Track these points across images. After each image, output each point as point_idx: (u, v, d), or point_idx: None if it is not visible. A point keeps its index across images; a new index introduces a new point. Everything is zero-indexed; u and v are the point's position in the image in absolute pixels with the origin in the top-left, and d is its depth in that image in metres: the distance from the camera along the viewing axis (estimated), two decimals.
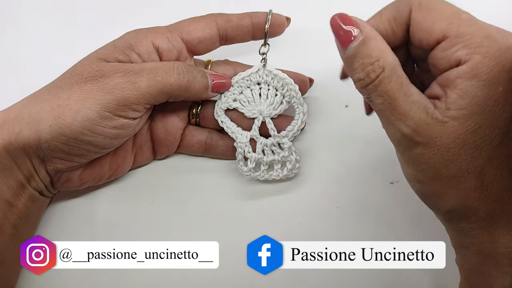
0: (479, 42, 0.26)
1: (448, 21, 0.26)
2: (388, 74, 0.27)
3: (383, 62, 0.27)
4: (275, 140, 0.39)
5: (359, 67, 0.28)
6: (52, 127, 0.32)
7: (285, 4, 0.43)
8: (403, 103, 0.27)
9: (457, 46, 0.26)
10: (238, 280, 0.38)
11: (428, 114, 0.26)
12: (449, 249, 0.34)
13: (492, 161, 0.26)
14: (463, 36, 0.26)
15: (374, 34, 0.28)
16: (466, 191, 0.27)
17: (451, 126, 0.26)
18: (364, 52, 0.27)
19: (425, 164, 0.27)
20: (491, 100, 0.25)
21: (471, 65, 0.25)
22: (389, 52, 0.28)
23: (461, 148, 0.26)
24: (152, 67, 0.35)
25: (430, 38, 0.27)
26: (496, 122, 0.26)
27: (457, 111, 0.26)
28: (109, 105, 0.33)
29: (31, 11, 0.50)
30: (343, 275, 0.37)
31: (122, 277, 0.38)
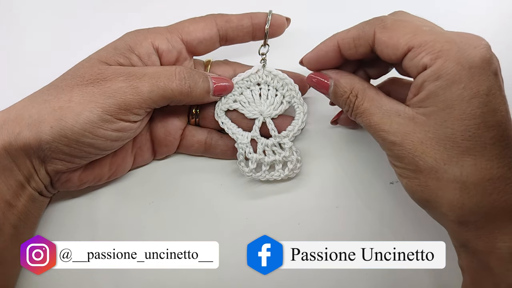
0: (440, 47, 0.29)
1: (411, 34, 0.30)
2: (361, 98, 0.33)
3: (354, 91, 0.34)
4: (276, 141, 0.39)
5: (342, 103, 0.35)
6: (53, 129, 0.32)
7: (285, 4, 0.43)
8: (377, 114, 0.32)
9: (422, 54, 0.30)
10: (238, 280, 0.38)
11: (400, 115, 0.31)
12: (449, 249, 0.34)
13: (469, 151, 0.29)
14: (426, 44, 0.30)
15: (340, 74, 0.35)
16: (445, 182, 0.29)
17: (421, 121, 0.30)
18: (339, 91, 0.35)
19: (405, 158, 0.31)
20: (454, 96, 0.29)
21: (434, 68, 0.29)
22: (356, 81, 0.34)
23: (432, 140, 0.30)
24: (154, 72, 0.35)
25: (397, 53, 0.31)
26: (464, 115, 0.29)
27: (425, 109, 0.30)
28: (110, 108, 0.33)
29: (31, 11, 0.50)
30: (343, 275, 0.37)
31: (122, 277, 0.38)
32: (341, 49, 0.34)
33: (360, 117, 0.33)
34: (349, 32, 0.34)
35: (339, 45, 0.34)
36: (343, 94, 0.34)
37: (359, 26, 0.33)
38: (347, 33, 0.34)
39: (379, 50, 0.32)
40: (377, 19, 0.33)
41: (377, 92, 0.33)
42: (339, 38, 0.34)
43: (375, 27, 0.32)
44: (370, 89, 0.34)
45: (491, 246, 0.29)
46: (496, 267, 0.29)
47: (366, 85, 0.34)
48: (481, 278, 0.31)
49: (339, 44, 0.34)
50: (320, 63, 0.36)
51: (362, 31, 0.33)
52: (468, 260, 0.31)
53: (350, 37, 0.33)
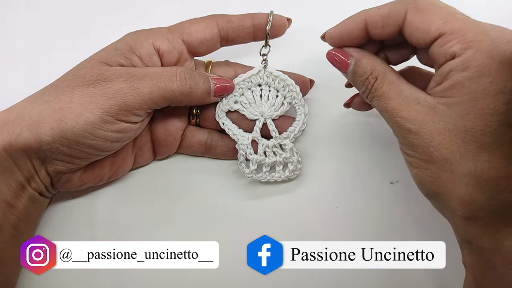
0: (472, 37, 0.28)
1: (444, 20, 0.29)
2: (380, 81, 0.32)
3: (374, 72, 0.32)
4: (276, 142, 0.39)
5: (359, 83, 0.33)
6: (53, 130, 0.32)
7: (286, 5, 0.43)
8: (396, 99, 0.31)
9: (452, 42, 0.28)
10: (238, 280, 0.38)
11: (419, 103, 0.30)
12: (449, 249, 0.34)
13: (486, 147, 0.28)
14: (458, 32, 0.28)
15: (362, 54, 0.34)
16: (459, 176, 0.28)
17: (441, 111, 0.29)
18: (359, 71, 0.33)
19: (420, 147, 0.30)
20: (481, 89, 0.28)
21: (463, 58, 0.28)
22: (378, 63, 0.33)
23: (451, 132, 0.29)
24: (154, 72, 0.35)
25: (427, 37, 0.30)
26: (487, 110, 0.28)
27: (448, 99, 0.29)
28: (111, 109, 0.33)
29: (31, 11, 0.50)
30: (343, 275, 0.37)
31: (122, 277, 0.38)
32: (368, 27, 0.33)
33: (377, 101, 0.32)
34: (380, 9, 0.32)
35: (366, 23, 0.33)
36: (362, 74, 0.33)
37: (390, 5, 0.32)
38: (377, 11, 0.32)
39: (408, 32, 0.31)
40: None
41: (398, 77, 0.32)
42: (367, 15, 0.33)
43: (407, 7, 0.31)
44: (391, 73, 0.32)
45: (496, 245, 0.29)
46: (501, 266, 0.29)
47: (388, 69, 0.33)
48: (484, 276, 0.30)
49: (366, 22, 0.33)
50: (343, 40, 0.34)
51: (394, 9, 0.31)
52: (471, 257, 0.31)
53: (380, 15, 0.32)
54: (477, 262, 0.31)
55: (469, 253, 0.31)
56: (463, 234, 0.31)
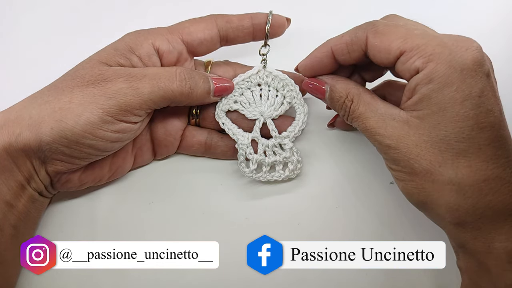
0: (431, 51, 0.29)
1: (403, 38, 0.31)
2: (356, 102, 0.34)
3: (350, 95, 0.34)
4: (276, 141, 0.39)
5: (338, 107, 0.35)
6: (53, 130, 0.32)
7: (286, 5, 0.43)
8: (373, 118, 0.33)
9: (414, 58, 0.30)
10: (238, 280, 0.38)
11: (394, 119, 0.31)
12: (449, 249, 0.34)
13: (463, 153, 0.29)
14: (418, 48, 0.30)
15: (335, 79, 0.36)
16: (441, 184, 0.30)
17: (415, 124, 0.30)
18: (335, 96, 0.35)
19: (401, 162, 0.31)
20: (447, 98, 0.29)
21: (426, 72, 0.29)
22: (352, 85, 0.35)
23: (427, 143, 0.30)
24: (154, 73, 0.35)
25: (389, 57, 0.31)
26: (457, 117, 0.29)
27: (418, 112, 0.30)
28: (111, 109, 0.33)
29: (30, 11, 0.50)
30: (343, 275, 0.37)
31: (122, 277, 0.38)
32: (335, 54, 0.35)
33: (356, 121, 0.34)
34: (342, 37, 0.34)
35: (332, 51, 0.35)
36: (339, 99, 0.35)
37: (352, 32, 0.34)
38: (340, 39, 0.34)
39: (372, 54, 0.33)
40: (369, 23, 0.33)
41: (373, 96, 0.34)
42: (332, 44, 0.35)
43: (367, 31, 0.32)
44: (365, 94, 0.34)
45: (488, 247, 0.30)
46: (493, 267, 0.30)
47: (361, 90, 0.34)
48: (479, 278, 0.31)
49: (332, 50, 0.35)
50: (315, 69, 0.36)
51: (355, 36, 0.33)
52: (466, 260, 0.32)
53: (343, 43, 0.34)
54: (472, 265, 0.31)
55: (464, 257, 0.32)
56: (456, 239, 0.31)
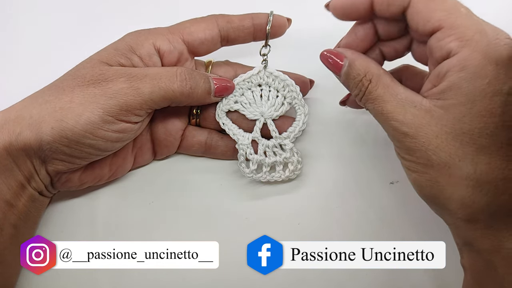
0: (470, 36, 0.28)
1: (447, 12, 0.29)
2: (375, 83, 0.31)
3: (369, 75, 0.32)
4: (276, 142, 0.39)
5: (353, 86, 0.33)
6: (54, 130, 0.32)
7: (286, 5, 0.43)
8: (391, 102, 0.30)
9: (450, 38, 0.28)
10: (238, 280, 0.38)
11: (416, 107, 0.29)
12: (449, 249, 0.34)
13: (484, 149, 0.28)
14: (457, 28, 0.28)
15: (356, 55, 0.33)
16: (458, 179, 0.28)
17: (438, 114, 0.29)
18: (353, 73, 0.32)
19: (417, 152, 0.29)
20: (478, 91, 0.27)
21: (460, 58, 0.28)
22: (373, 65, 0.32)
23: (448, 135, 0.28)
24: (155, 73, 0.35)
25: (426, 25, 0.29)
26: (484, 112, 0.27)
27: (444, 101, 0.29)
28: (111, 109, 0.33)
29: (30, 11, 0.50)
30: (343, 275, 0.37)
31: (122, 277, 0.38)
32: (374, 1, 0.32)
33: (372, 104, 0.32)
34: None
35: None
36: (356, 76, 0.32)
37: None
38: None
39: (410, 15, 0.30)
40: None
41: (393, 80, 0.32)
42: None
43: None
44: (385, 76, 0.32)
45: (497, 246, 0.29)
46: (501, 267, 0.29)
47: (382, 71, 0.32)
48: (484, 278, 0.30)
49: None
50: (347, 12, 0.33)
51: None
52: (471, 259, 0.31)
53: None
54: (477, 264, 0.31)
55: (469, 255, 0.31)
56: (464, 237, 0.31)
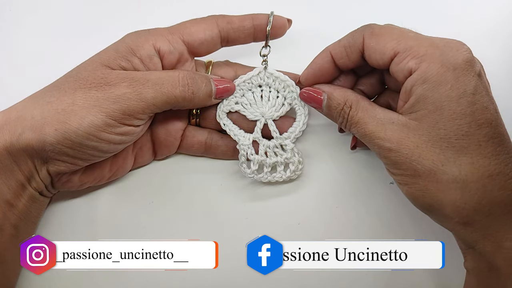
0: (424, 51, 0.31)
1: (397, 40, 0.32)
2: (355, 109, 0.34)
3: (348, 102, 0.34)
4: (277, 142, 0.39)
5: (336, 115, 0.36)
6: (57, 131, 0.32)
7: (287, 6, 0.43)
8: (372, 123, 0.33)
9: (407, 59, 0.31)
10: (238, 280, 0.38)
11: (393, 123, 0.32)
12: (449, 249, 0.34)
13: (464, 150, 0.29)
14: (411, 49, 0.31)
15: (333, 88, 0.36)
16: (445, 183, 0.30)
17: (414, 126, 0.31)
18: (333, 103, 0.35)
19: (403, 164, 0.31)
20: (443, 97, 0.30)
21: (420, 72, 0.30)
22: (349, 93, 0.35)
23: (427, 143, 0.30)
24: (157, 77, 0.35)
25: (384, 57, 0.32)
26: (454, 114, 0.29)
27: (416, 113, 0.31)
28: (114, 113, 0.33)
29: (31, 11, 0.50)
30: (343, 275, 0.37)
31: (122, 278, 0.38)
32: (334, 59, 0.36)
33: (355, 127, 0.34)
34: (341, 41, 0.35)
35: (332, 55, 0.36)
36: (337, 106, 0.35)
37: (349, 35, 0.35)
38: (339, 43, 0.35)
39: (368, 55, 0.34)
40: (366, 26, 0.34)
41: (370, 103, 0.34)
42: (331, 48, 0.36)
43: (364, 33, 0.34)
44: (363, 100, 0.34)
45: (497, 246, 0.30)
46: (503, 267, 0.30)
47: (359, 97, 0.35)
48: (488, 280, 0.31)
49: (332, 55, 0.36)
50: (317, 77, 0.37)
51: (352, 38, 0.34)
52: (475, 261, 0.31)
53: (342, 46, 0.35)
54: (481, 266, 0.31)
55: (472, 258, 0.32)
56: (465, 240, 0.31)
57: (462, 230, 0.30)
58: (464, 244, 0.32)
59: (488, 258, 0.30)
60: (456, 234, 0.32)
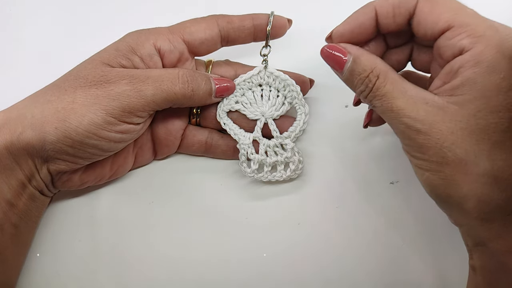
0: (482, 32, 0.27)
1: (454, 12, 0.28)
2: (383, 79, 0.30)
3: (376, 71, 0.30)
4: (277, 141, 0.39)
5: (358, 82, 0.31)
6: (58, 130, 0.32)
7: (287, 5, 0.43)
8: (401, 99, 0.29)
9: (461, 35, 0.28)
10: (238, 280, 0.38)
11: (427, 103, 0.28)
12: (449, 249, 0.34)
13: (499, 145, 0.27)
14: (467, 26, 0.28)
15: (361, 51, 0.32)
16: (475, 176, 0.27)
17: (452, 110, 0.28)
18: (358, 69, 0.31)
19: (431, 149, 0.28)
20: (492, 86, 0.27)
21: (473, 53, 0.27)
22: (379, 61, 0.31)
23: (464, 131, 0.27)
24: (157, 75, 0.35)
25: (435, 27, 0.29)
26: (500, 107, 0.27)
27: (458, 97, 0.28)
28: (114, 111, 0.33)
29: (31, 11, 0.50)
30: (343, 275, 0.38)
31: (123, 277, 0.38)
32: (378, 17, 0.32)
33: (380, 100, 0.30)
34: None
35: (377, 13, 0.32)
36: (362, 72, 0.31)
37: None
38: (387, 1, 0.31)
39: (417, 21, 0.30)
40: None
41: (400, 77, 0.31)
42: (377, 4, 0.31)
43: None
44: (393, 72, 0.31)
45: (511, 246, 0.28)
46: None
47: (389, 67, 0.31)
48: (496, 279, 0.29)
49: (377, 12, 0.31)
50: (354, 35, 0.33)
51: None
52: (483, 260, 0.30)
53: (390, 4, 0.31)
54: (490, 265, 0.30)
55: (481, 256, 0.30)
56: (477, 237, 0.30)
57: (478, 225, 0.29)
58: (474, 241, 0.30)
59: (499, 257, 0.29)
60: (467, 230, 0.30)
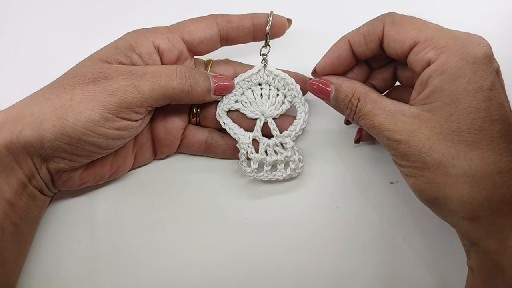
0: (444, 43, 0.30)
1: (418, 30, 0.31)
2: (363, 101, 0.33)
3: (356, 94, 0.34)
4: (277, 140, 0.39)
5: (343, 107, 0.35)
6: (55, 127, 0.32)
7: (287, 5, 0.43)
8: (381, 115, 0.32)
9: (427, 49, 0.31)
10: (238, 280, 0.38)
11: (404, 114, 0.31)
12: (449, 250, 0.34)
13: (475, 144, 0.29)
14: (431, 39, 0.31)
15: (341, 80, 0.36)
16: (454, 177, 0.29)
17: (426, 118, 0.30)
18: (341, 95, 0.35)
19: (412, 156, 0.30)
20: (460, 90, 0.29)
21: (438, 63, 0.30)
22: (358, 85, 0.35)
23: (439, 135, 0.30)
24: (155, 70, 0.35)
25: (403, 46, 0.32)
26: (470, 108, 0.29)
27: (430, 105, 0.30)
28: (111, 107, 0.33)
29: (31, 11, 0.50)
30: (343, 274, 0.37)
31: (122, 277, 0.38)
32: (352, 47, 0.35)
33: (364, 119, 0.33)
34: (359, 29, 0.35)
35: (350, 44, 0.35)
36: (344, 98, 0.35)
37: (369, 23, 0.34)
38: (357, 31, 0.35)
39: (387, 44, 0.33)
40: (386, 14, 0.34)
41: (379, 95, 0.34)
42: (349, 36, 0.35)
43: (384, 21, 0.33)
44: (372, 92, 0.34)
45: (503, 245, 0.29)
46: (508, 267, 0.29)
47: (368, 89, 0.34)
48: (493, 279, 0.30)
49: (350, 43, 0.35)
50: (334, 67, 0.36)
51: (372, 26, 0.34)
52: (479, 260, 0.31)
53: (361, 34, 0.34)
54: (485, 265, 0.30)
55: (477, 256, 0.31)
56: (470, 237, 0.31)
57: (467, 225, 0.30)
58: (468, 241, 0.31)
59: (493, 256, 0.30)
60: (460, 230, 0.31)
